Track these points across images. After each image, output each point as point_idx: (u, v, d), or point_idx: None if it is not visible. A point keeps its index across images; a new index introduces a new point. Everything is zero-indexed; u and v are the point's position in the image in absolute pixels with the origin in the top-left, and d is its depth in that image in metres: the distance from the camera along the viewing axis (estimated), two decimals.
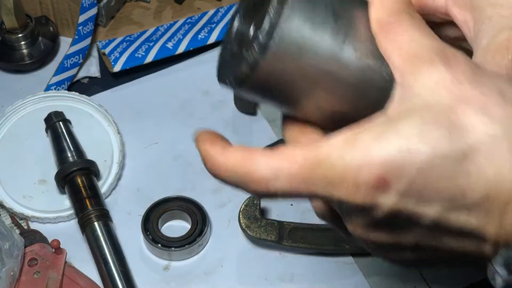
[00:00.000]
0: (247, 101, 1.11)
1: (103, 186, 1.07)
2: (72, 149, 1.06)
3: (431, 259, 0.56)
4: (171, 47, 1.18)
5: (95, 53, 1.21)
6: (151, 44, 1.19)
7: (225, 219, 1.06)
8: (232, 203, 1.07)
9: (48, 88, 1.15)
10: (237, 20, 0.59)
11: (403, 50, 0.52)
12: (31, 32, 1.18)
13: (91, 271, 1.00)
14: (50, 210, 1.06)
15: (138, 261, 1.03)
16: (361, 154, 0.50)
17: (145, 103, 1.17)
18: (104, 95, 1.17)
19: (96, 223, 1.01)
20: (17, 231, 1.02)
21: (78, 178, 1.04)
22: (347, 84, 0.54)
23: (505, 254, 0.51)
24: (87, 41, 1.18)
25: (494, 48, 0.56)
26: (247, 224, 1.02)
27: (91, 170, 1.05)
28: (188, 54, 1.20)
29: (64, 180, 1.04)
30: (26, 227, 1.05)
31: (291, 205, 1.07)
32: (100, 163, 1.07)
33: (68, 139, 1.07)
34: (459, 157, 0.50)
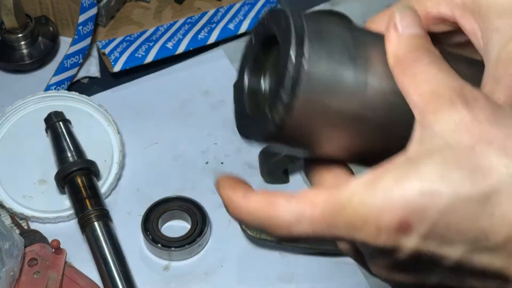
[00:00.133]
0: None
1: (103, 186, 1.07)
2: (72, 149, 1.06)
3: None
4: (171, 47, 1.18)
5: (95, 53, 1.21)
6: (151, 44, 1.19)
7: (225, 219, 1.06)
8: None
9: (48, 88, 1.15)
10: (246, 74, 0.59)
11: (422, 89, 0.52)
12: (31, 32, 1.18)
13: (91, 271, 1.00)
14: (50, 210, 1.06)
15: (138, 261, 1.03)
16: (382, 198, 0.50)
17: (145, 103, 1.17)
18: (104, 95, 1.17)
19: (96, 223, 1.01)
20: (17, 231, 1.02)
21: (78, 178, 1.04)
22: (371, 124, 0.55)
23: None
24: (87, 41, 1.18)
25: (505, 59, 0.56)
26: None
27: (91, 170, 1.05)
28: (188, 54, 1.20)
29: (64, 180, 1.04)
30: (26, 227, 1.05)
31: None
32: (100, 163, 1.07)
33: (68, 139, 1.07)
34: (481, 199, 0.49)
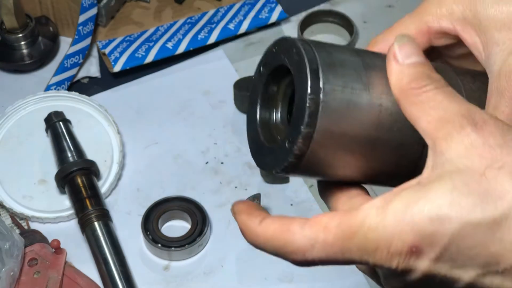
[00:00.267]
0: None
1: (103, 186, 1.07)
2: (72, 149, 1.06)
3: None
4: (171, 47, 1.18)
5: (95, 53, 1.21)
6: (151, 44, 1.19)
7: (225, 219, 1.06)
8: (232, 203, 1.06)
9: (48, 88, 1.15)
10: (258, 104, 0.60)
11: (431, 116, 0.52)
12: (31, 32, 1.18)
13: (91, 271, 1.00)
14: (50, 210, 1.06)
15: (138, 261, 1.03)
16: (393, 223, 0.51)
17: (145, 103, 1.17)
18: (104, 95, 1.17)
19: (96, 223, 1.01)
20: (17, 231, 1.02)
21: (78, 178, 1.04)
22: (386, 146, 0.56)
23: None
24: (87, 41, 1.18)
25: (507, 72, 0.56)
26: None
27: (91, 170, 1.05)
28: (188, 54, 1.20)
29: (64, 180, 1.04)
30: (26, 227, 1.05)
31: (291, 205, 1.07)
32: (100, 163, 1.07)
33: (68, 139, 1.07)
34: (491, 224, 0.50)
